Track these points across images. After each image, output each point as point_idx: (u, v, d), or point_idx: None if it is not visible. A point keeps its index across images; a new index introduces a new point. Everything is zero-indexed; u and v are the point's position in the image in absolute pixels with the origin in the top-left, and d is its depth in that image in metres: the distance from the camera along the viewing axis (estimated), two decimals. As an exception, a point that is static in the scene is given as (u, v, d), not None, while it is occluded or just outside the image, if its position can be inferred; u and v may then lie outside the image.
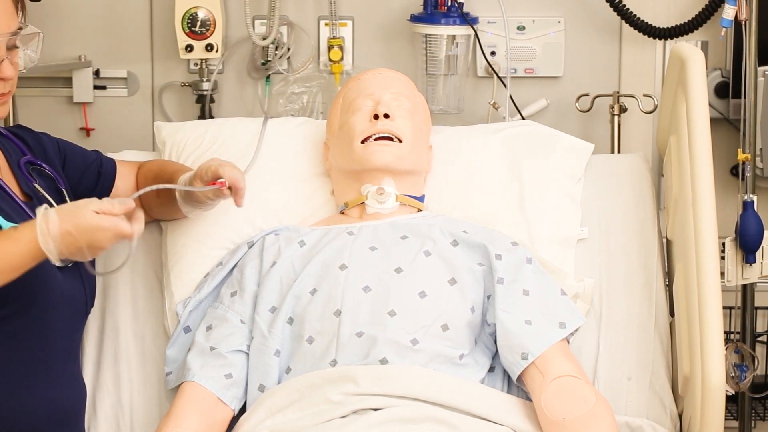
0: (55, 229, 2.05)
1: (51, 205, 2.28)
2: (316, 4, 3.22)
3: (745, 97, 2.98)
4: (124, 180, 2.59)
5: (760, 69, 3.00)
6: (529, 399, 2.37)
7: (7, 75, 2.23)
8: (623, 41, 3.22)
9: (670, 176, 2.67)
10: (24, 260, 2.07)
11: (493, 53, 3.19)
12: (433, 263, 2.44)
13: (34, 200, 2.33)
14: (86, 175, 2.52)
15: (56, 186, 2.40)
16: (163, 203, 2.55)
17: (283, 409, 2.30)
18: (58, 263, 2.09)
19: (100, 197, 2.40)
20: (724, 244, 2.92)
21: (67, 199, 2.39)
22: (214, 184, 2.36)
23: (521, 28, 3.21)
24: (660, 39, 3.14)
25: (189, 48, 3.12)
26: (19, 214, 2.26)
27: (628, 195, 2.76)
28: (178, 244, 2.64)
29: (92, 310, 2.46)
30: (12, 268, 2.07)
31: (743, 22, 2.95)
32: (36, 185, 2.35)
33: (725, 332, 3.05)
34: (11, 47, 2.23)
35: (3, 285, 2.08)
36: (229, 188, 2.37)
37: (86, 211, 2.06)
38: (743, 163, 2.95)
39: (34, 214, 2.18)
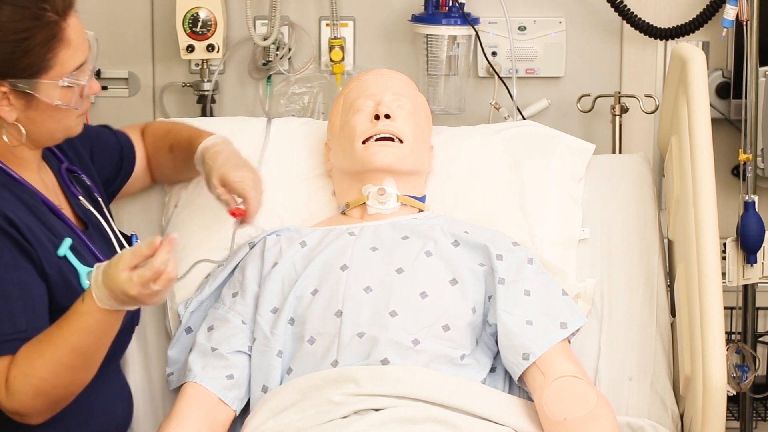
0: (104, 295, 2.04)
1: (100, 228, 2.33)
2: (317, 4, 3.22)
3: (746, 98, 2.98)
4: (139, 155, 2.60)
5: (761, 69, 3.00)
6: (530, 399, 2.37)
7: (98, 90, 2.25)
8: (624, 41, 3.22)
9: (672, 176, 2.67)
10: (106, 325, 2.08)
11: (494, 53, 3.19)
12: (434, 264, 2.44)
13: (89, 226, 2.33)
14: (111, 163, 2.53)
15: (93, 195, 2.40)
16: (177, 160, 2.57)
17: (285, 410, 2.30)
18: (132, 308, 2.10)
19: (124, 180, 2.51)
20: (725, 244, 2.92)
21: (104, 209, 2.40)
22: (233, 213, 2.41)
23: (522, 28, 3.20)
24: (661, 39, 3.14)
25: (190, 48, 3.12)
26: (86, 252, 2.25)
27: (629, 195, 2.76)
28: (179, 245, 2.63)
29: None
30: (103, 336, 2.09)
31: (744, 23, 2.94)
32: (81, 199, 2.35)
33: (726, 333, 3.04)
34: None
35: (105, 350, 2.12)
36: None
37: (117, 273, 2.02)
38: (744, 163, 2.95)
39: (94, 246, 2.24)
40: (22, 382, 2.06)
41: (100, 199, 2.41)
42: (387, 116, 2.57)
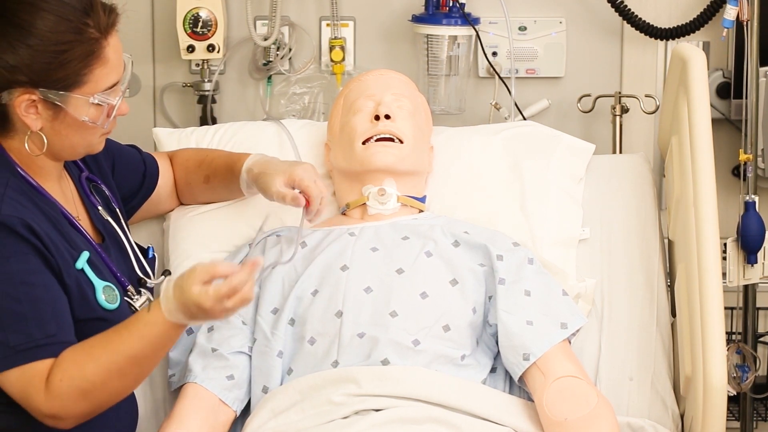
0: (174, 307, 2.05)
1: (117, 239, 2.33)
2: (318, 4, 3.22)
3: (746, 98, 2.98)
4: (165, 179, 2.60)
5: (762, 69, 2.99)
6: (530, 399, 2.37)
7: (126, 111, 2.25)
8: (625, 42, 3.22)
9: (672, 177, 2.67)
10: (168, 338, 2.09)
11: (494, 54, 3.19)
12: (435, 264, 2.44)
13: (106, 238, 2.33)
14: (133, 180, 2.53)
15: (111, 206, 2.40)
16: (214, 188, 2.59)
17: (286, 411, 2.30)
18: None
19: (143, 199, 2.49)
20: (725, 244, 2.92)
21: (122, 220, 2.40)
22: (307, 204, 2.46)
23: (523, 28, 3.20)
24: (661, 39, 3.14)
25: (190, 48, 3.12)
26: (102, 266, 2.25)
27: (629, 195, 2.76)
28: (180, 246, 2.64)
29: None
30: (161, 348, 2.10)
31: (745, 23, 2.95)
32: (100, 210, 2.35)
33: (727, 333, 3.05)
34: None
35: (156, 365, 2.14)
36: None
37: (189, 287, 2.02)
38: (745, 163, 2.95)
39: (109, 260, 2.25)
40: (69, 385, 2.05)
41: (118, 210, 2.41)
42: (387, 117, 2.57)
